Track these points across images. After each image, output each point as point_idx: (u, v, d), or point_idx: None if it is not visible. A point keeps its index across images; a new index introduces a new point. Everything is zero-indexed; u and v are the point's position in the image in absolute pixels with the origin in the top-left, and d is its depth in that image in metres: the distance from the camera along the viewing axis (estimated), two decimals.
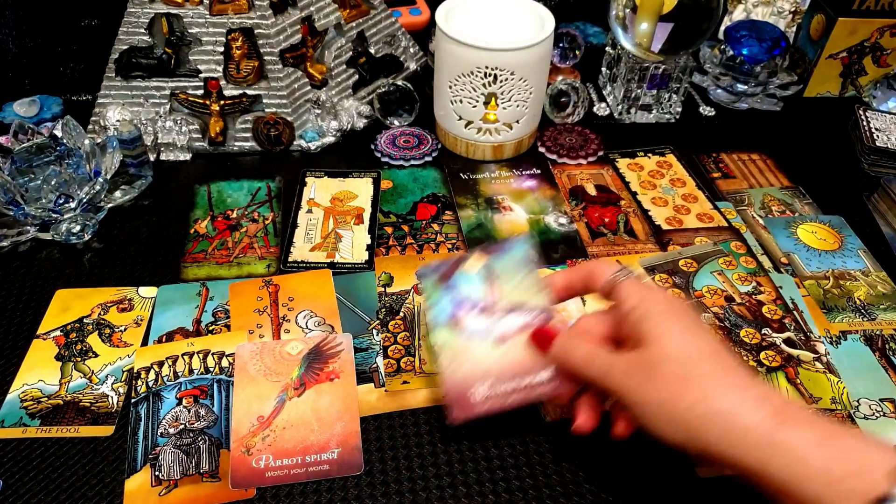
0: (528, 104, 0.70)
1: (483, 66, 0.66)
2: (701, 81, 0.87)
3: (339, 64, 0.77)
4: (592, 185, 0.71)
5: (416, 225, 0.66)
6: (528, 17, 0.71)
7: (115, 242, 0.63)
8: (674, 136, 0.79)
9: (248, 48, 0.70)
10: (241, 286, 0.59)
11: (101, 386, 0.51)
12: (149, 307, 0.57)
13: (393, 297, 0.58)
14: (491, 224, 0.66)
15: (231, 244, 0.63)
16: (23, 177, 0.60)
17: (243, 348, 0.53)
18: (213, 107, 0.72)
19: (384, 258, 0.62)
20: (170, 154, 0.73)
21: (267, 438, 0.48)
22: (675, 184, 0.72)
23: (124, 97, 0.72)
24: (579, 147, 0.76)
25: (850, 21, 0.81)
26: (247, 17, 0.69)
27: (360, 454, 0.47)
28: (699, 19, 0.71)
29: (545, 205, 0.69)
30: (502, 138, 0.72)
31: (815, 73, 0.85)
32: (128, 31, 0.69)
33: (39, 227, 0.63)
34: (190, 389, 0.51)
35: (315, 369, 0.52)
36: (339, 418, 0.49)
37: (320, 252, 0.63)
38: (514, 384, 0.45)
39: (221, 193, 0.69)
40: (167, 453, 0.47)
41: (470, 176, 0.72)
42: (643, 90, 0.79)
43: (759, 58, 0.81)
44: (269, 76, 0.71)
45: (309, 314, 0.57)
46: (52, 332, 0.55)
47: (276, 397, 0.50)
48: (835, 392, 0.52)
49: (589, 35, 0.96)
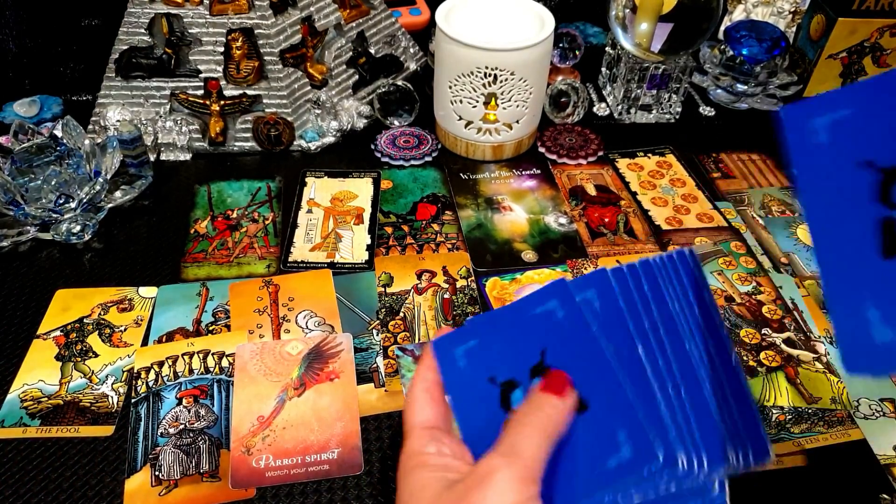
0: (528, 104, 0.70)
1: (483, 66, 0.66)
2: (701, 81, 0.87)
3: (339, 64, 0.77)
4: (592, 186, 0.71)
5: (416, 225, 0.66)
6: (528, 18, 0.71)
7: (115, 242, 0.64)
8: (674, 136, 0.79)
9: (249, 48, 0.70)
10: (241, 286, 0.59)
11: (102, 386, 0.51)
12: (149, 307, 0.57)
13: (393, 297, 0.58)
14: (491, 224, 0.66)
15: (231, 244, 0.63)
16: (23, 177, 0.60)
17: (243, 348, 0.53)
18: (213, 107, 0.72)
19: (384, 258, 0.62)
20: (170, 154, 0.73)
21: (267, 438, 0.48)
22: (675, 184, 0.72)
23: (124, 97, 0.72)
24: (579, 147, 0.76)
25: (849, 21, 0.81)
26: (247, 18, 0.69)
27: (360, 454, 0.47)
28: (699, 19, 0.71)
29: (545, 205, 0.69)
30: (502, 138, 0.72)
31: (814, 73, 0.85)
32: (128, 31, 0.69)
33: (39, 227, 0.63)
34: (190, 389, 0.51)
35: (315, 369, 0.52)
36: (339, 418, 0.49)
37: (320, 252, 0.63)
38: None
39: (221, 193, 0.69)
40: (167, 453, 0.47)
41: (470, 176, 0.72)
42: (643, 90, 0.79)
43: (759, 58, 0.81)
44: (269, 76, 0.71)
45: (309, 314, 0.57)
46: (52, 332, 0.55)
47: (276, 397, 0.50)
48: (835, 392, 0.52)
49: (589, 35, 0.96)
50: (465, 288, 0.59)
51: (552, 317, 0.32)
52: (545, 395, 0.30)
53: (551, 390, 0.30)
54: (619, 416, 0.29)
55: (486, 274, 0.61)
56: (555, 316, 0.32)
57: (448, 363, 0.33)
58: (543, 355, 0.32)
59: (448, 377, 0.33)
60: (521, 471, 0.28)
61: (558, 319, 0.32)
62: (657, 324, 0.31)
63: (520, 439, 0.29)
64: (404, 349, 0.54)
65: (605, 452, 0.29)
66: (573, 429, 0.30)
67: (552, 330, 0.32)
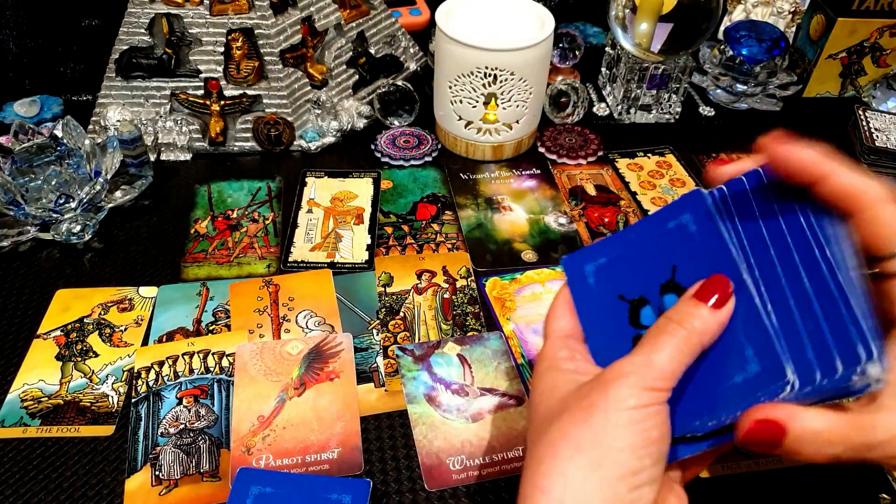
0: (527, 104, 0.70)
1: (483, 66, 0.66)
2: (700, 81, 0.87)
3: (339, 64, 0.77)
4: (592, 186, 0.71)
5: (416, 225, 0.66)
6: (528, 18, 0.71)
7: (116, 242, 0.64)
8: (673, 136, 0.79)
9: (249, 48, 0.70)
10: (241, 286, 0.59)
11: (102, 386, 0.51)
12: (149, 307, 0.57)
13: (393, 296, 0.58)
14: (491, 224, 0.66)
15: (231, 244, 0.63)
16: (23, 177, 0.60)
17: (243, 348, 0.54)
18: (213, 107, 0.72)
19: (384, 258, 0.62)
20: (170, 154, 0.73)
21: (267, 438, 0.48)
22: (675, 184, 0.72)
23: (125, 97, 0.72)
24: (579, 147, 0.76)
25: (849, 21, 0.81)
26: (247, 18, 0.69)
27: (360, 454, 0.47)
28: (699, 19, 0.71)
29: (545, 205, 0.69)
30: (502, 138, 0.72)
31: (814, 73, 0.85)
32: (128, 31, 0.69)
33: (40, 227, 0.63)
34: (190, 389, 0.51)
35: (315, 369, 0.52)
36: (339, 418, 0.49)
37: (320, 252, 0.63)
38: (488, 460, 0.47)
39: (222, 193, 0.69)
40: (167, 453, 0.47)
41: (470, 176, 0.72)
42: (643, 90, 0.79)
43: (759, 58, 0.81)
44: (270, 76, 0.71)
45: (309, 314, 0.57)
46: (52, 331, 0.55)
47: (277, 397, 0.50)
48: None
49: (589, 35, 0.96)
50: (465, 288, 0.59)
51: (684, 231, 0.32)
52: (695, 304, 0.29)
53: (703, 298, 0.29)
54: (747, 332, 0.29)
55: (486, 274, 0.61)
56: (687, 230, 0.32)
57: (578, 280, 0.34)
58: (674, 272, 0.32)
59: (577, 294, 0.34)
60: (649, 381, 0.28)
61: (691, 233, 0.31)
62: (789, 242, 0.29)
63: (656, 350, 0.29)
64: (404, 349, 0.54)
65: (733, 369, 0.28)
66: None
67: (684, 245, 0.32)
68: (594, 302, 0.33)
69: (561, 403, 0.30)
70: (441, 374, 0.52)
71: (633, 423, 0.28)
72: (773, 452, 0.28)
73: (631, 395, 0.28)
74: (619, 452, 0.27)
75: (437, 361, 0.53)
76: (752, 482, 0.46)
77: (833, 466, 0.47)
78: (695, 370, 0.30)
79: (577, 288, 0.34)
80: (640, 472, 0.28)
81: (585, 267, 0.34)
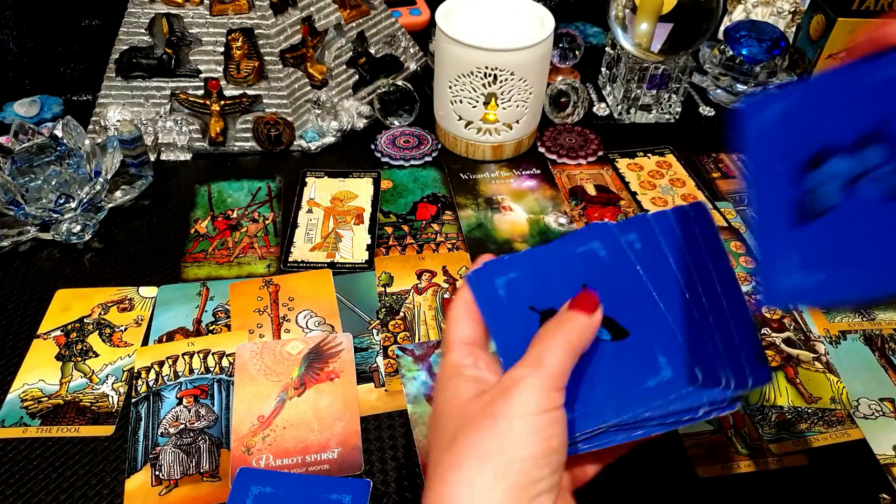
0: (527, 104, 0.70)
1: (483, 66, 0.66)
2: (701, 81, 0.87)
3: (340, 64, 0.77)
4: (592, 185, 0.71)
5: (416, 225, 0.66)
6: (528, 18, 0.71)
7: (116, 242, 0.64)
8: (673, 136, 0.79)
9: (249, 48, 0.70)
10: (241, 286, 0.59)
11: (102, 386, 0.51)
12: (149, 307, 0.57)
13: (393, 296, 0.58)
14: (491, 224, 0.66)
15: (231, 244, 0.63)
16: (23, 177, 0.60)
17: (243, 348, 0.54)
18: (213, 107, 0.72)
19: (384, 258, 0.62)
20: (170, 154, 0.73)
21: (267, 438, 0.48)
22: (675, 184, 0.72)
23: (125, 97, 0.72)
24: (579, 147, 0.76)
25: (849, 21, 0.81)
26: (247, 18, 0.69)
27: (360, 454, 0.47)
28: (699, 19, 0.71)
29: (545, 205, 0.69)
30: (502, 138, 0.72)
31: (814, 73, 0.85)
32: (128, 31, 0.69)
33: (40, 227, 0.63)
34: (190, 389, 0.51)
35: (315, 369, 0.52)
36: (339, 418, 0.49)
37: (320, 252, 0.63)
38: None
39: (222, 193, 0.69)
40: (167, 453, 0.47)
41: (470, 176, 0.72)
42: (643, 90, 0.79)
43: (759, 58, 0.81)
44: (270, 76, 0.71)
45: (309, 314, 0.57)
46: (52, 331, 0.55)
47: (277, 397, 0.50)
48: (834, 392, 0.52)
49: (589, 35, 0.96)
50: None
51: (594, 255, 0.34)
52: (572, 311, 0.32)
53: (578, 308, 0.32)
54: (660, 343, 0.32)
55: None
56: (597, 254, 0.34)
57: (488, 292, 0.35)
58: (585, 288, 0.34)
59: (487, 305, 0.35)
60: (545, 380, 0.29)
61: (601, 257, 0.34)
62: (690, 266, 0.33)
63: (544, 351, 0.30)
64: (404, 349, 0.54)
65: (645, 375, 0.31)
66: (613, 354, 0.32)
67: (594, 266, 0.34)
68: (505, 312, 0.35)
69: (465, 411, 0.30)
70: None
71: (536, 430, 0.29)
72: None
73: (532, 397, 0.29)
74: (522, 462, 0.28)
75: (438, 361, 0.53)
76: (752, 482, 0.46)
77: (833, 466, 0.47)
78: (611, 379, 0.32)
79: (487, 299, 0.35)
80: (541, 480, 0.28)
81: (496, 280, 0.35)
